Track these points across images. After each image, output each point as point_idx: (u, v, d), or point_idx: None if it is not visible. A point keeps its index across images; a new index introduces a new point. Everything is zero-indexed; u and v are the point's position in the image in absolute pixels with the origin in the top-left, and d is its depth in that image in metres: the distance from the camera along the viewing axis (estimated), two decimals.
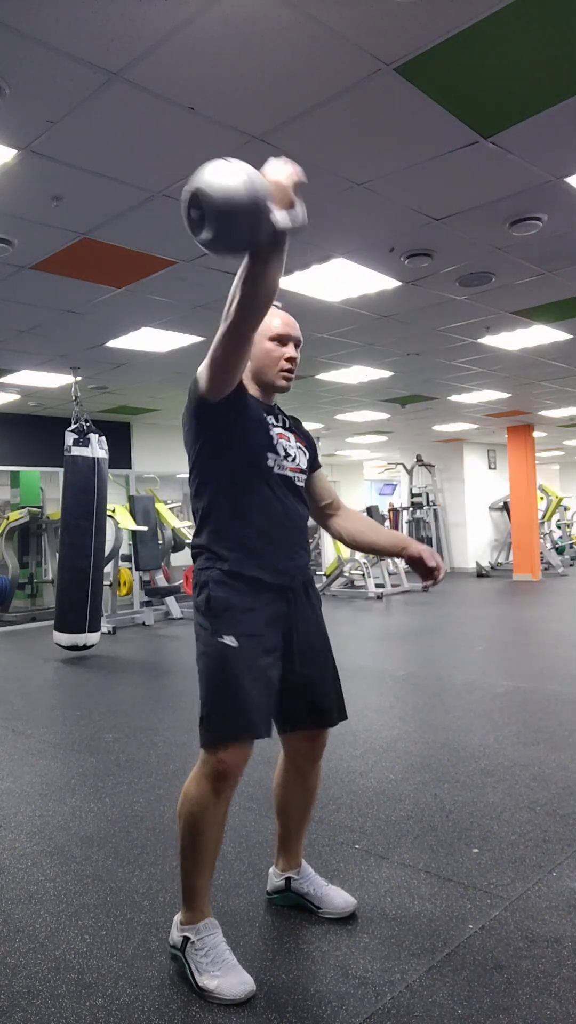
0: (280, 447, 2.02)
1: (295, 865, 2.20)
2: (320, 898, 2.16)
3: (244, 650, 1.86)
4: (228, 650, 1.86)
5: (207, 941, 1.88)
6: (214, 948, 1.87)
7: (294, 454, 2.06)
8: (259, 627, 1.91)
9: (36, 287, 4.60)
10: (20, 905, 2.28)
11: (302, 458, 2.09)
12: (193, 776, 1.90)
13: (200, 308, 5.08)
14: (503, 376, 7.90)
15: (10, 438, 9.31)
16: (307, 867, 2.21)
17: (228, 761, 1.85)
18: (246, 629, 1.88)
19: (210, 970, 1.83)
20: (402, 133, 2.89)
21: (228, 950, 1.89)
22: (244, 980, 1.82)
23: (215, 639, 1.87)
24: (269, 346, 2.04)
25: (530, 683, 4.96)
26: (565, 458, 20.46)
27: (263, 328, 2.00)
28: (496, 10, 2.20)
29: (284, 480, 2.00)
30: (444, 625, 7.84)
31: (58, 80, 2.47)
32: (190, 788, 1.89)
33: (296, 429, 2.15)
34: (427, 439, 13.71)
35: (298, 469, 2.06)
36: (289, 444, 2.06)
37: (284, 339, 2.05)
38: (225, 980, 1.81)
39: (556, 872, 2.37)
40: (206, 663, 1.90)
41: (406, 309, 5.28)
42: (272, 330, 2.04)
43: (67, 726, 4.32)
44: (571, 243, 4.13)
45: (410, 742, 3.76)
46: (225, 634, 1.87)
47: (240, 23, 2.21)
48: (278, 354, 2.04)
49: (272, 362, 2.04)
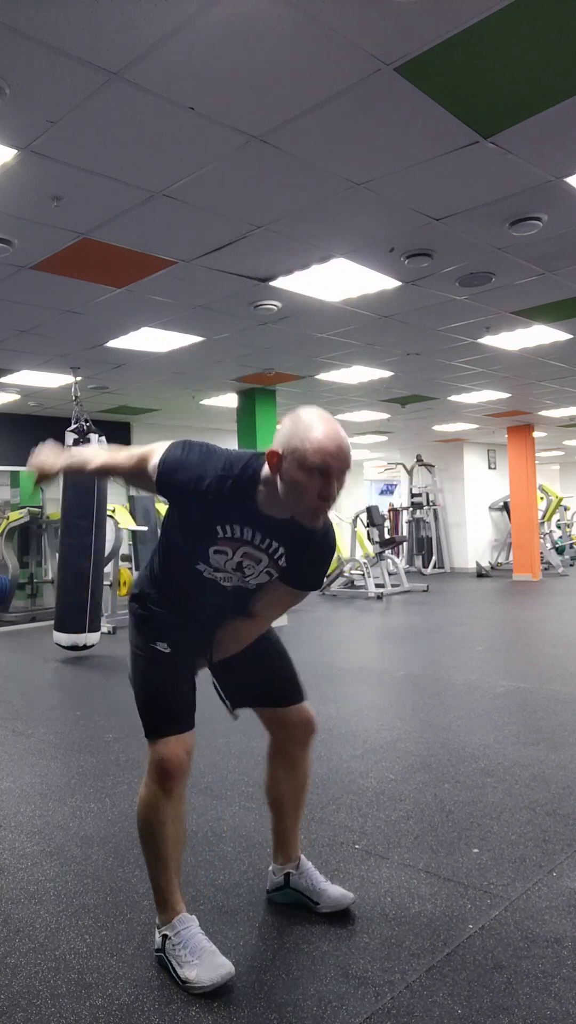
0: (217, 563, 1.82)
1: (293, 858, 2.21)
2: (318, 893, 2.16)
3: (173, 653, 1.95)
4: (159, 655, 1.95)
5: (183, 934, 1.91)
6: (190, 939, 1.90)
7: (248, 572, 1.85)
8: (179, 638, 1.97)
9: (36, 287, 4.60)
10: (20, 905, 2.28)
11: (259, 578, 1.88)
12: (142, 782, 1.96)
13: (200, 308, 5.08)
14: (503, 376, 7.90)
15: (10, 438, 9.30)
16: (306, 862, 2.22)
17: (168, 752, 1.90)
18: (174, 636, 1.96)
19: (189, 960, 1.86)
20: (402, 133, 2.89)
21: (205, 938, 1.91)
22: (220, 963, 1.85)
23: (148, 645, 1.96)
24: (300, 477, 1.61)
25: (530, 683, 4.95)
26: (565, 458, 20.46)
27: (297, 449, 1.61)
28: (496, 10, 2.19)
29: (215, 583, 1.90)
30: (444, 625, 7.84)
31: (58, 80, 2.47)
32: (141, 793, 1.95)
33: (288, 547, 1.82)
34: (427, 439, 13.71)
35: (240, 583, 1.90)
36: (244, 563, 1.82)
37: (325, 473, 1.62)
38: (202, 968, 1.84)
39: (556, 872, 2.37)
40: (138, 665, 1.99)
41: (406, 309, 5.28)
42: (308, 458, 1.60)
43: (67, 726, 4.32)
44: (571, 243, 4.13)
45: (410, 742, 3.76)
46: (159, 641, 1.96)
47: (240, 23, 2.21)
48: (312, 491, 1.62)
49: (299, 499, 1.65)
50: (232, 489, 1.73)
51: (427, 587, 10.94)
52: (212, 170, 3.11)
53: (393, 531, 13.69)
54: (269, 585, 1.93)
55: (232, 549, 1.82)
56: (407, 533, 13.97)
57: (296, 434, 1.66)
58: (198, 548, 1.84)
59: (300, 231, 3.82)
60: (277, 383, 7.98)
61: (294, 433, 1.67)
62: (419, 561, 13.67)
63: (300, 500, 1.66)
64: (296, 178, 3.21)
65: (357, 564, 10.71)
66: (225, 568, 1.86)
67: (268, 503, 1.74)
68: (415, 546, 13.91)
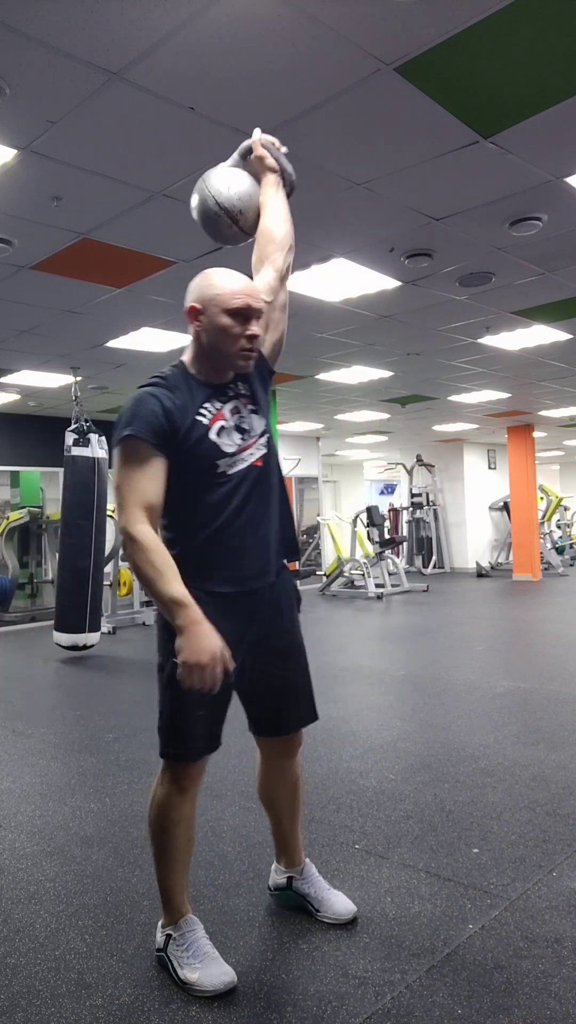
0: (226, 442, 1.82)
1: (297, 863, 2.19)
2: (321, 901, 2.14)
3: None
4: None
5: (187, 937, 1.90)
6: (194, 943, 1.89)
7: (246, 427, 1.86)
8: None
9: (36, 287, 4.60)
10: (20, 905, 2.28)
11: (256, 422, 1.89)
12: (157, 778, 1.93)
13: None
14: (503, 376, 7.90)
15: (10, 438, 9.31)
16: (310, 868, 2.20)
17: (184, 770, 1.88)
18: None
19: (191, 963, 1.85)
20: (402, 133, 2.89)
21: (209, 944, 1.90)
22: (225, 971, 1.84)
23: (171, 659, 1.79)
24: (226, 322, 1.77)
25: (530, 683, 4.95)
26: (565, 458, 20.47)
27: (216, 296, 1.76)
28: (496, 10, 2.19)
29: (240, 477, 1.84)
30: (444, 625, 7.84)
31: (58, 80, 2.47)
32: (156, 790, 1.92)
33: (250, 385, 1.92)
34: (427, 439, 13.71)
35: (253, 443, 1.87)
36: (242, 422, 1.86)
37: (245, 313, 1.78)
38: (205, 972, 1.83)
39: (556, 872, 2.37)
40: (161, 678, 1.86)
41: (406, 309, 5.28)
42: (229, 302, 1.76)
43: (67, 726, 4.32)
44: (571, 243, 4.13)
45: (410, 742, 3.76)
46: None
47: (240, 23, 2.21)
48: (237, 331, 1.78)
49: (230, 341, 1.79)
50: (180, 387, 1.81)
51: (427, 587, 10.94)
52: None
53: (393, 531, 13.69)
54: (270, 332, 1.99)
55: (223, 417, 1.84)
56: (407, 533, 13.97)
57: (210, 285, 1.81)
58: (208, 449, 1.80)
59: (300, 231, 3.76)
60: (277, 383, 7.98)
61: (206, 284, 1.82)
62: (419, 561, 13.67)
63: (229, 344, 1.79)
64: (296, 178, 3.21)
65: (357, 564, 10.70)
66: (233, 440, 1.83)
67: (204, 372, 1.86)
68: (415, 546, 13.91)
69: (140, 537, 1.69)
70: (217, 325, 1.78)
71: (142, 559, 1.69)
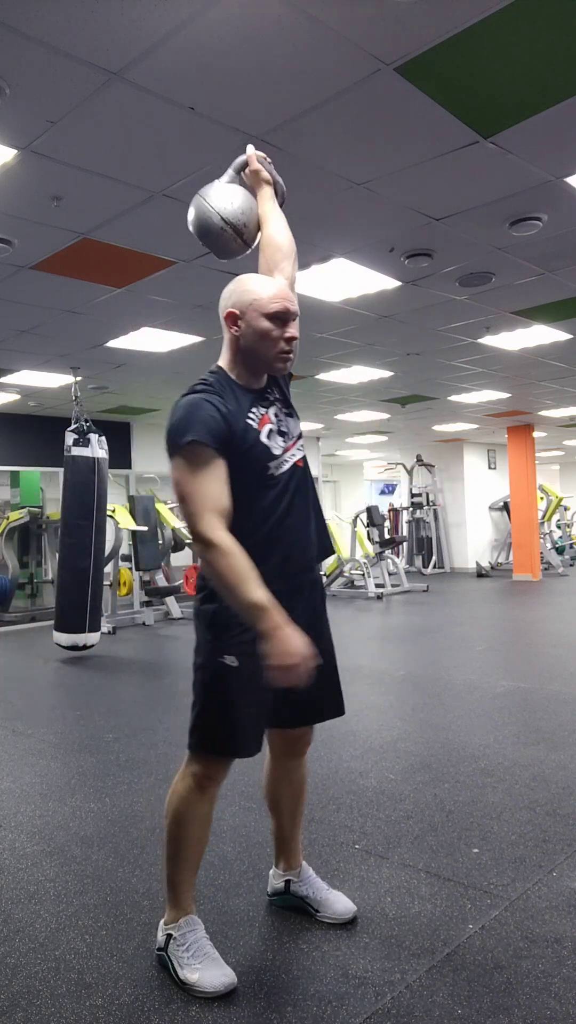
0: (274, 444, 1.86)
1: (295, 865, 2.19)
2: (320, 902, 2.14)
3: (244, 669, 1.81)
4: (227, 670, 1.83)
5: (188, 937, 1.90)
6: (196, 943, 1.89)
7: (285, 430, 1.90)
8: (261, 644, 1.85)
9: (36, 287, 4.60)
10: (20, 905, 2.28)
11: (292, 425, 1.94)
12: (180, 773, 1.93)
13: (200, 308, 5.08)
14: (503, 376, 7.90)
15: (10, 438, 9.30)
16: (308, 869, 2.21)
17: (212, 768, 1.90)
18: (248, 648, 1.76)
19: (191, 963, 1.85)
20: (402, 133, 2.89)
21: (210, 944, 1.91)
22: (225, 973, 1.84)
23: (215, 658, 1.83)
24: (265, 326, 1.80)
25: (530, 683, 4.95)
26: (565, 458, 20.46)
27: (254, 301, 1.80)
28: (496, 10, 2.19)
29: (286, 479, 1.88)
30: (444, 625, 7.84)
31: (58, 80, 2.47)
32: (177, 785, 1.93)
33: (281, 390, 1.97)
34: (427, 439, 13.70)
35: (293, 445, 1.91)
36: (280, 426, 1.89)
37: (283, 316, 1.81)
38: (206, 973, 1.83)
39: (556, 872, 2.37)
40: (202, 678, 1.88)
41: (406, 309, 5.28)
42: (268, 306, 1.80)
43: (67, 726, 4.32)
44: (571, 243, 4.13)
45: (410, 742, 3.76)
46: (227, 653, 1.83)
47: (240, 23, 2.21)
48: (276, 334, 1.81)
49: (269, 344, 1.82)
50: (226, 392, 1.82)
51: (427, 587, 10.94)
52: (212, 170, 3.10)
53: (393, 531, 13.69)
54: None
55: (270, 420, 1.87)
56: (407, 533, 13.97)
57: (246, 290, 1.84)
58: (261, 452, 1.83)
59: (300, 231, 3.77)
60: None
61: (243, 290, 1.85)
62: (419, 561, 13.67)
63: (268, 348, 1.82)
64: (296, 178, 3.21)
65: (357, 564, 10.70)
66: (278, 443, 1.86)
67: (244, 377, 1.88)
68: (415, 546, 13.91)
69: (220, 542, 1.68)
70: (257, 329, 1.81)
71: (224, 565, 1.67)
